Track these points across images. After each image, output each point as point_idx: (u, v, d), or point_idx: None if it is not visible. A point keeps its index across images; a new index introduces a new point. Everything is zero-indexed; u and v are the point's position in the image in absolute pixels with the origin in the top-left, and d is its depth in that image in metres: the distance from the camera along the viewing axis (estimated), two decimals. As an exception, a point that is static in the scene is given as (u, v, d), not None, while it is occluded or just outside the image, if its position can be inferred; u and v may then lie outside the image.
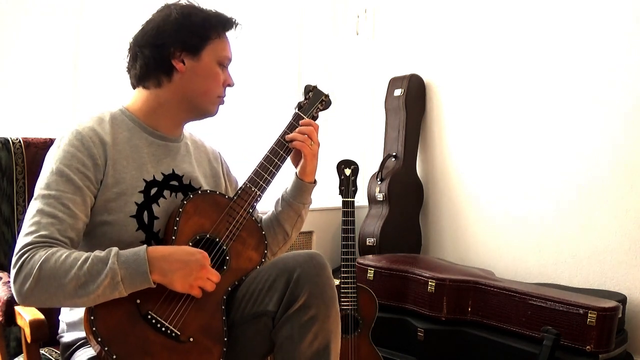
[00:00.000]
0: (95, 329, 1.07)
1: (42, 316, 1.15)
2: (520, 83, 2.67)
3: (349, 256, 2.11)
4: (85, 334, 1.13)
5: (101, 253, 1.09)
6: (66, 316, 1.29)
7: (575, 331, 1.93)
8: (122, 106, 1.32)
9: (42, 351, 1.37)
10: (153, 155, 1.29)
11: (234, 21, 1.33)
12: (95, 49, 2.34)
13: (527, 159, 2.64)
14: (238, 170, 1.54)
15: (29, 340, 1.14)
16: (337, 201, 2.21)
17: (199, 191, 1.29)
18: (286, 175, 1.47)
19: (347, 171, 2.22)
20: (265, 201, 1.38)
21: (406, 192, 2.99)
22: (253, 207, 1.32)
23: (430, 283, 2.23)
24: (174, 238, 1.20)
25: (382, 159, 3.03)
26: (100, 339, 1.07)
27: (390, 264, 2.42)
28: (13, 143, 1.49)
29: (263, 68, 3.01)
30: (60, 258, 1.06)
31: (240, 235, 1.28)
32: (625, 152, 2.32)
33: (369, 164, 3.27)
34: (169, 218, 1.25)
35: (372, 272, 2.43)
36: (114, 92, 2.35)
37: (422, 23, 3.08)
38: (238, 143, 2.74)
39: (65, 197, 1.13)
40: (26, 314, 1.15)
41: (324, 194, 2.80)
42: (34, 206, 1.13)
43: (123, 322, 1.10)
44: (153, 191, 1.26)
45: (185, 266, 1.13)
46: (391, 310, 2.35)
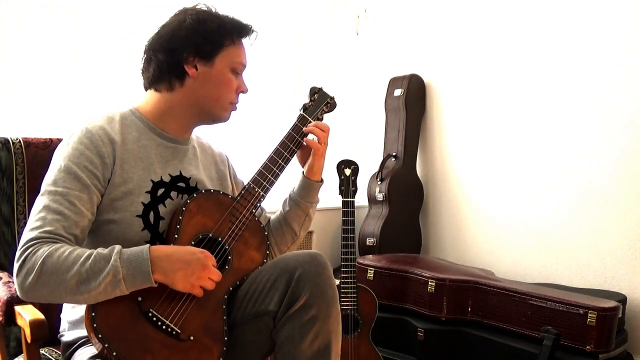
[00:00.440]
0: (96, 326, 1.07)
1: (42, 316, 1.15)
2: (520, 83, 2.67)
3: (349, 256, 2.12)
4: (86, 333, 1.13)
5: (104, 250, 1.10)
6: (69, 314, 1.29)
7: (575, 331, 1.93)
8: (133, 107, 1.32)
9: (42, 351, 1.37)
10: (161, 156, 1.29)
11: (250, 28, 1.34)
12: (95, 49, 2.34)
13: (527, 159, 2.64)
14: (238, 170, 1.54)
15: (29, 340, 1.14)
16: (337, 201, 2.21)
17: (203, 190, 1.29)
18: (291, 176, 1.48)
19: (347, 171, 2.22)
20: (273, 201, 1.38)
21: (406, 192, 2.99)
22: (256, 208, 1.32)
23: (430, 283, 2.23)
24: (177, 236, 1.21)
25: (382, 159, 3.03)
26: (101, 336, 1.07)
27: (390, 264, 2.42)
28: (13, 143, 1.49)
29: (263, 68, 3.01)
30: (63, 254, 1.06)
31: (242, 235, 1.28)
32: (625, 152, 2.32)
33: (369, 164, 3.27)
34: (172, 216, 1.25)
35: (372, 272, 2.43)
36: (114, 92, 2.35)
37: (422, 23, 3.08)
38: (238, 143, 2.74)
39: (72, 195, 1.14)
40: (26, 314, 1.16)
41: (324, 194, 2.78)
42: (41, 202, 1.13)
43: (124, 320, 1.11)
44: (160, 192, 1.26)
45: (187, 266, 1.13)
46: (391, 310, 2.35)
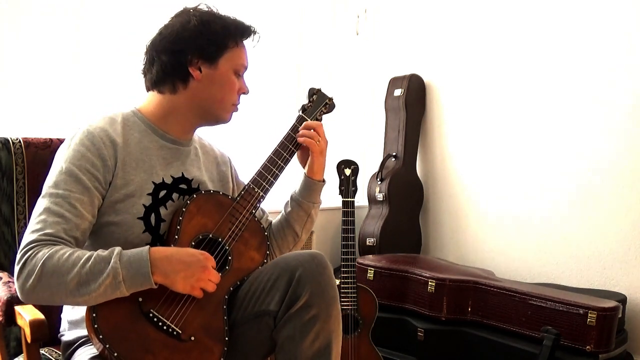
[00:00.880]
0: (97, 327, 1.07)
1: (42, 316, 1.15)
2: (520, 83, 2.67)
3: (349, 256, 2.11)
4: (86, 332, 1.13)
5: (104, 252, 1.09)
6: (69, 314, 1.29)
7: (575, 331, 1.93)
8: (135, 107, 1.32)
9: (42, 351, 1.37)
10: (163, 158, 1.29)
11: (253, 29, 1.34)
12: (95, 49, 2.34)
13: (527, 159, 2.64)
14: (240, 171, 1.54)
15: (29, 340, 1.14)
16: (337, 201, 2.21)
17: (203, 191, 1.29)
18: (293, 177, 1.47)
19: (347, 171, 2.22)
20: (274, 202, 1.37)
21: (406, 192, 2.99)
22: (256, 208, 1.32)
23: (430, 283, 2.23)
24: (177, 237, 1.21)
25: (382, 159, 3.03)
26: (102, 337, 1.07)
27: (390, 264, 2.42)
28: (13, 143, 1.49)
29: (263, 68, 3.01)
30: (63, 256, 1.06)
31: (242, 235, 1.28)
32: (625, 153, 2.32)
33: (369, 164, 3.27)
34: (172, 217, 1.25)
35: (372, 272, 2.43)
36: (114, 92, 2.35)
37: (422, 23, 3.08)
38: (238, 143, 2.74)
39: (72, 197, 1.13)
40: (26, 314, 1.15)
41: (324, 194, 2.79)
42: (42, 204, 1.13)
43: (125, 320, 1.11)
44: (162, 194, 1.26)
45: (187, 268, 1.13)
46: (391, 310, 2.35)
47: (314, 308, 1.18)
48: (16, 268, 1.08)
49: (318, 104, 1.48)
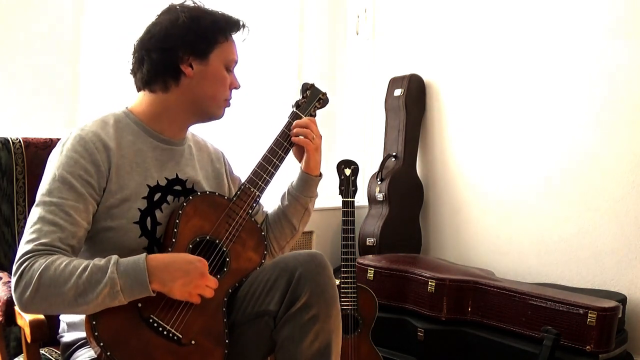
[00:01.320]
0: (97, 334, 1.06)
1: (42, 316, 1.15)
2: (520, 83, 2.67)
3: (349, 256, 2.11)
4: (85, 334, 1.13)
5: (101, 261, 1.08)
6: (66, 316, 1.29)
7: (575, 331, 1.93)
8: (126, 108, 1.30)
9: (42, 351, 1.37)
10: (157, 159, 1.28)
11: (242, 23, 1.32)
12: (95, 49, 2.34)
13: (528, 159, 2.64)
14: (237, 170, 1.54)
15: (29, 340, 1.14)
16: (337, 201, 2.21)
17: (199, 193, 1.28)
18: (289, 172, 1.47)
19: (347, 171, 2.22)
20: (271, 199, 1.37)
21: (406, 192, 2.99)
22: (252, 208, 1.32)
23: (430, 283, 2.23)
24: (174, 240, 1.20)
25: (382, 159, 3.03)
26: (102, 344, 1.06)
27: (390, 264, 2.42)
28: (13, 143, 1.49)
29: (263, 68, 3.01)
30: (60, 266, 1.05)
31: (239, 236, 1.27)
32: (626, 153, 2.32)
33: (369, 164, 3.27)
34: (169, 220, 1.24)
35: (372, 272, 2.43)
36: (114, 92, 2.35)
37: (422, 23, 3.08)
38: (237, 143, 2.74)
39: (67, 205, 1.12)
40: (26, 314, 1.15)
41: (324, 194, 2.79)
42: (36, 213, 1.12)
43: (125, 327, 1.10)
44: (157, 197, 1.24)
45: (185, 275, 1.12)
46: (391, 310, 2.35)
47: (314, 308, 1.18)
48: (13, 279, 1.06)
49: (312, 99, 1.46)
